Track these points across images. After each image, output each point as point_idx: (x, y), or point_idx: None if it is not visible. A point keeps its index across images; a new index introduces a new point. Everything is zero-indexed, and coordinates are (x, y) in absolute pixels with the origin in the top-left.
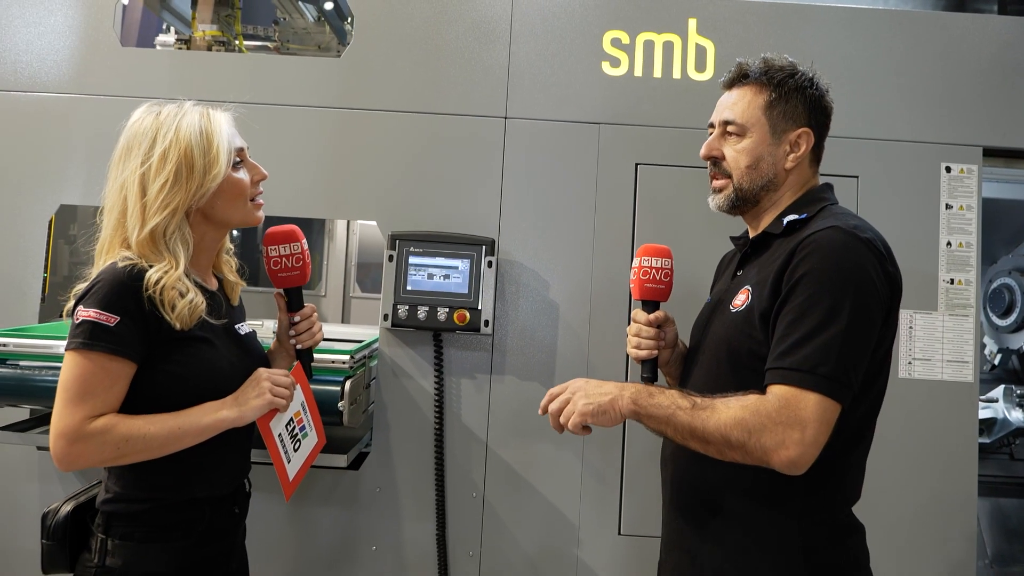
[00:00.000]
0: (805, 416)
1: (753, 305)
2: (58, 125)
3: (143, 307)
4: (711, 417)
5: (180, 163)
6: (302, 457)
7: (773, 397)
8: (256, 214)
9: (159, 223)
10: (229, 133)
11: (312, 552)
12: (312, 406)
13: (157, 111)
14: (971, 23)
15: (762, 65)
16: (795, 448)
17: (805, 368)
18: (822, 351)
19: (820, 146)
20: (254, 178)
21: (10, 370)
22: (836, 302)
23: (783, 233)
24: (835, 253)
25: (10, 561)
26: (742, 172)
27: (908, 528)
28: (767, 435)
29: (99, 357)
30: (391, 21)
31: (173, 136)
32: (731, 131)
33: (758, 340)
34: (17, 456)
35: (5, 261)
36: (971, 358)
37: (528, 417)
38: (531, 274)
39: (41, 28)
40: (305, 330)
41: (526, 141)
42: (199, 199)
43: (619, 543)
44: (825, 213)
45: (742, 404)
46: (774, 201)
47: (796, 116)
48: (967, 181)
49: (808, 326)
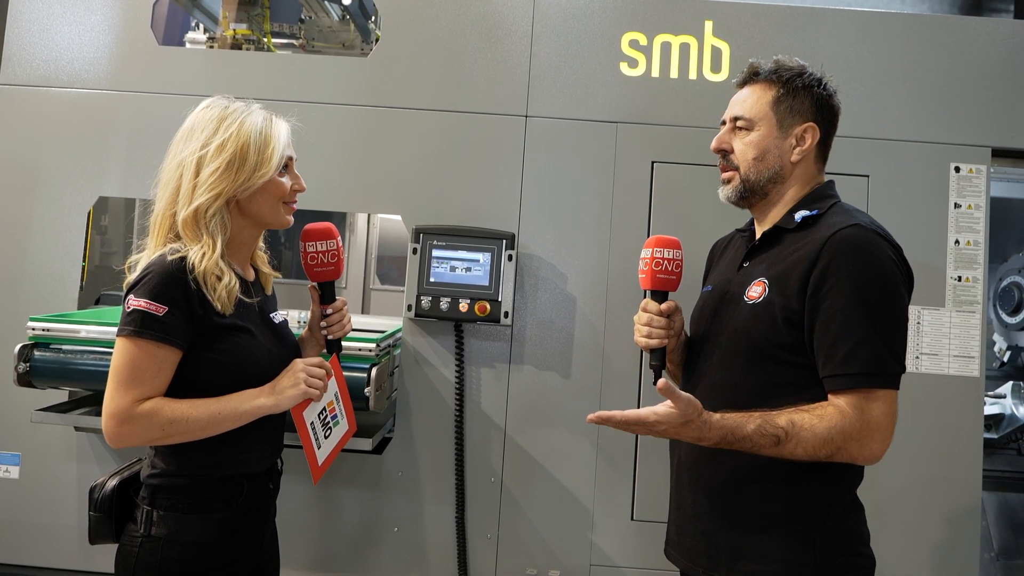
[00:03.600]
0: (880, 418)
1: (773, 299)
2: (97, 120)
3: (190, 297)
4: (797, 448)
5: (235, 155)
6: (332, 443)
7: (850, 410)
8: (287, 218)
9: (203, 203)
10: (285, 141)
11: (337, 531)
12: (344, 395)
13: (226, 104)
14: (981, 26)
15: (773, 65)
16: (878, 446)
17: (873, 371)
18: (881, 351)
19: (827, 144)
20: (294, 186)
21: (52, 354)
22: (880, 300)
23: (795, 228)
24: (865, 252)
25: (50, 535)
26: (749, 163)
27: (913, 520)
28: (853, 446)
29: (148, 344)
30: (417, 22)
31: (236, 129)
32: (740, 125)
33: (780, 331)
34: (57, 436)
35: (47, 251)
36: (977, 353)
37: (545, 405)
38: (550, 268)
39: (82, 27)
40: (336, 322)
41: (546, 139)
42: (243, 191)
43: (632, 528)
44: (836, 209)
45: (825, 425)
46: (781, 194)
47: (803, 111)
48: (976, 181)
49: (861, 328)
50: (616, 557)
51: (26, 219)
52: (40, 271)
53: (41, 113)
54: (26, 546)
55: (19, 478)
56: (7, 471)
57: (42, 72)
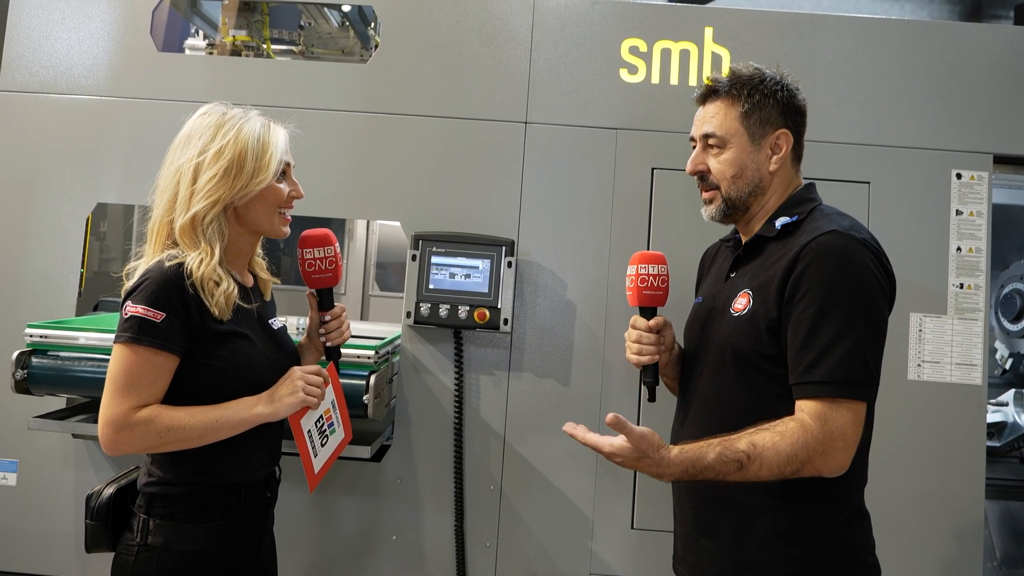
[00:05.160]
0: (843, 427)
1: (756, 310)
2: (96, 126)
3: (188, 303)
4: (762, 469)
5: (233, 161)
6: (328, 451)
7: (811, 420)
8: (282, 228)
9: (200, 210)
10: (283, 147)
11: (335, 539)
12: (341, 403)
13: (224, 110)
14: (982, 32)
15: (731, 77)
16: (841, 457)
17: (837, 379)
18: (848, 359)
19: (800, 145)
20: (291, 193)
21: (50, 360)
22: (851, 307)
23: (777, 236)
24: (839, 258)
25: (47, 544)
26: (728, 182)
27: (915, 528)
28: (817, 459)
29: (145, 351)
30: (416, 28)
31: (233, 136)
32: (712, 143)
33: (763, 343)
34: (54, 443)
35: (45, 257)
36: (980, 361)
37: (544, 413)
38: (549, 275)
39: (81, 33)
40: (335, 329)
41: (545, 145)
42: (240, 198)
43: (632, 537)
44: (816, 214)
45: (788, 442)
46: (762, 205)
47: (772, 120)
48: (977, 188)
49: (828, 335)
50: (616, 566)
51: (24, 225)
52: (38, 277)
53: (40, 119)
54: (23, 553)
55: (16, 485)
56: (4, 478)
57: (41, 78)
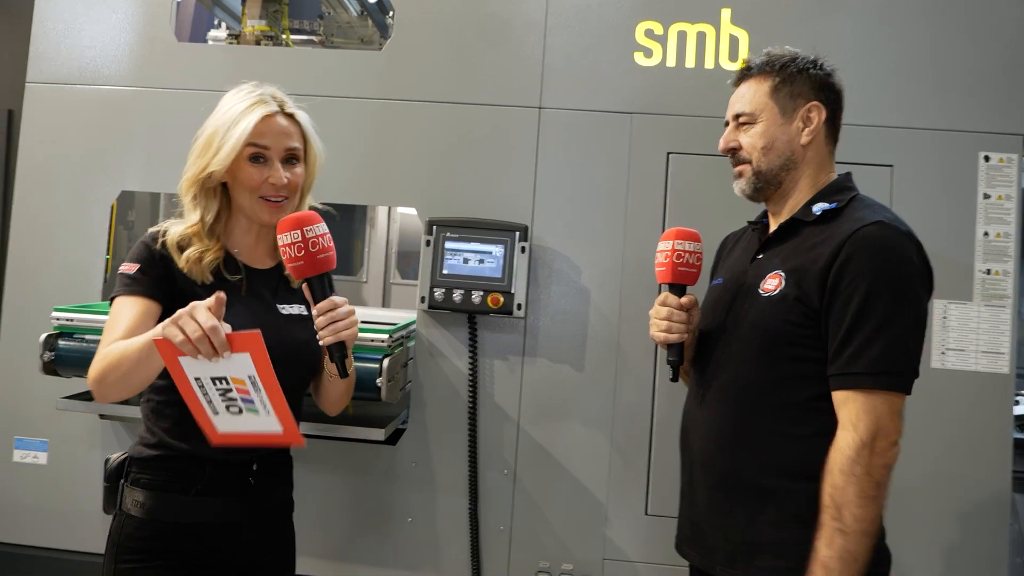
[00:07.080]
0: (882, 420)
1: (788, 292)
2: (119, 116)
3: (158, 260)
4: (846, 511)
5: (208, 137)
6: (244, 425)
7: (843, 430)
8: (262, 214)
9: (183, 181)
10: (253, 131)
11: (352, 520)
12: (274, 392)
13: (242, 87)
14: (1010, 7)
15: (764, 57)
16: (891, 452)
17: (879, 371)
18: (891, 350)
19: (835, 125)
20: (269, 179)
21: (76, 343)
22: (895, 299)
23: (815, 221)
24: (885, 249)
25: (72, 523)
26: (759, 154)
27: (939, 522)
28: (875, 458)
29: (121, 300)
30: (430, 15)
31: (218, 112)
32: (743, 121)
33: (795, 324)
34: (80, 424)
35: (71, 243)
36: (1007, 349)
37: (559, 398)
38: (563, 260)
39: (104, 25)
40: (324, 325)
41: (560, 130)
42: (206, 175)
43: (646, 523)
44: (857, 203)
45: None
46: (795, 182)
47: (803, 93)
48: (1007, 170)
49: (872, 327)
50: (630, 552)
51: (51, 212)
52: (65, 262)
53: (65, 110)
54: (53, 530)
55: (47, 464)
56: (35, 457)
57: (66, 70)
